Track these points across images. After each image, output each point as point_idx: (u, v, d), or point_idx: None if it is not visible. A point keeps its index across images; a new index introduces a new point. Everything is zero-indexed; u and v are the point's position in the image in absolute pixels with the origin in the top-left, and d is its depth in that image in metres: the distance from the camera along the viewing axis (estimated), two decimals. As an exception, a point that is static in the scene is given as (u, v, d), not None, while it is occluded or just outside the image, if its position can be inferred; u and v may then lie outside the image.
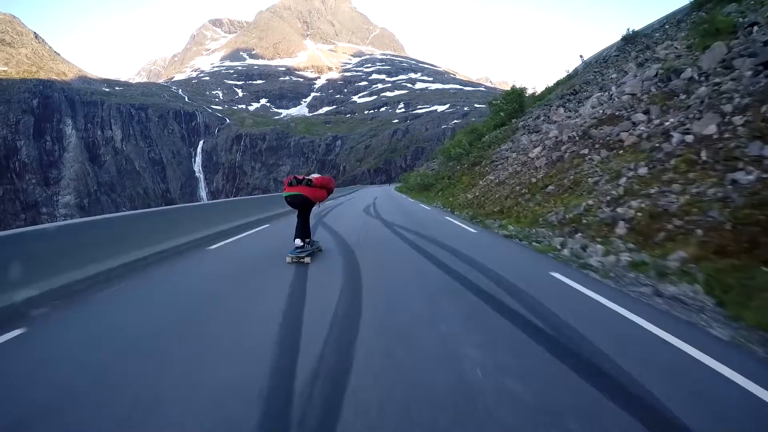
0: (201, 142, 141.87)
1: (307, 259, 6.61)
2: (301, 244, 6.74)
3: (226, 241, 9.26)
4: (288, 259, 6.61)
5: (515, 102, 27.42)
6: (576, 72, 28.11)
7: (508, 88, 30.38)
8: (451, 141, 43.76)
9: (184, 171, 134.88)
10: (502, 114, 28.41)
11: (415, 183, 40.27)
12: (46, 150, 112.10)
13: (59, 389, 2.74)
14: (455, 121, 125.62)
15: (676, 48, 13.20)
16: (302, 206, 6.98)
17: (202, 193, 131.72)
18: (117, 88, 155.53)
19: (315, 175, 6.95)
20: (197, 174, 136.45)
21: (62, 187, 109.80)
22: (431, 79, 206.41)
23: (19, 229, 5.60)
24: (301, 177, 6.88)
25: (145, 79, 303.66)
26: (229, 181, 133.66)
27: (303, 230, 6.92)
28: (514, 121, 25.84)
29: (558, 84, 29.62)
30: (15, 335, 3.73)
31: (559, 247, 7.31)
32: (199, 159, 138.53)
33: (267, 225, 12.76)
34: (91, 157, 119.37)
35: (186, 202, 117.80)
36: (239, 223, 12.50)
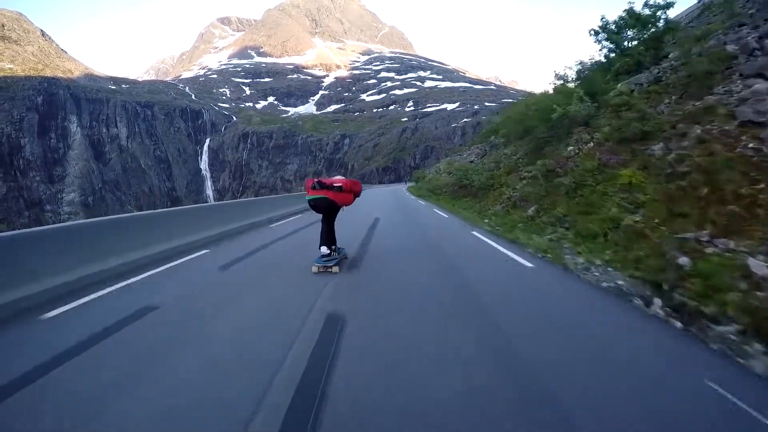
0: (207, 140, 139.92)
1: (335, 269, 6.20)
2: (328, 252, 6.37)
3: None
4: (314, 269, 6.19)
5: (645, 26, 15.10)
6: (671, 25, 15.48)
7: (518, 87, 24.46)
8: (523, 103, 24.71)
9: (190, 169, 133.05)
10: (641, 48, 15.10)
11: (443, 183, 27.67)
12: (51, 147, 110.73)
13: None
14: (465, 119, 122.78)
15: None
16: (327, 211, 6.49)
17: (209, 191, 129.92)
18: (123, 85, 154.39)
19: (339, 177, 6.65)
20: (204, 172, 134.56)
21: (67, 185, 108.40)
22: (441, 77, 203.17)
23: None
24: (326, 181, 6.39)
25: (153, 78, 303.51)
26: (235, 180, 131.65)
27: (329, 236, 6.49)
28: (671, 55, 13.29)
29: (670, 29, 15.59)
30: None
31: None
32: (205, 157, 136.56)
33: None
34: (96, 155, 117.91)
35: (192, 200, 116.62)
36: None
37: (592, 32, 17.00)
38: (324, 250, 6.30)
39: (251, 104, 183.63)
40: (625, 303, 4.64)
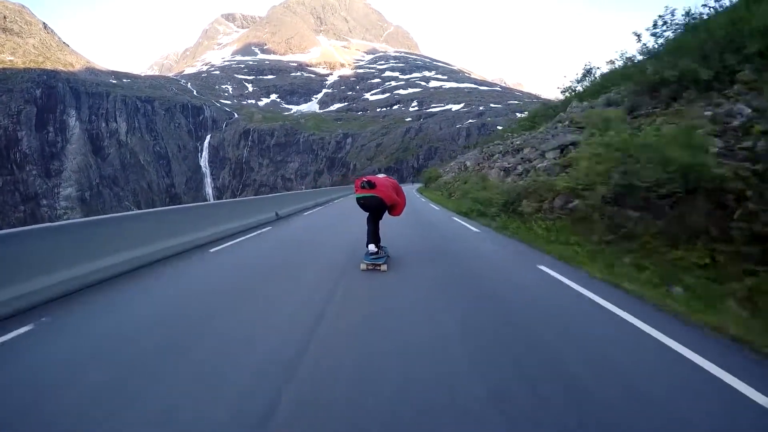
0: (208, 137, 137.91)
1: (384, 267, 6.12)
2: (375, 249, 6.32)
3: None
4: (362, 266, 6.17)
5: None
6: None
7: (523, 89, 21.00)
8: None
9: (190, 166, 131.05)
10: None
11: (512, 192, 12.55)
12: (49, 141, 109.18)
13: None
14: (470, 120, 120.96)
15: None
16: (376, 210, 6.54)
17: (208, 189, 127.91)
18: (124, 80, 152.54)
19: (382, 175, 6.92)
20: (203, 169, 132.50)
21: (64, 179, 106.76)
22: (446, 77, 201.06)
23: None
24: (373, 179, 6.43)
25: (156, 73, 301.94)
26: (235, 177, 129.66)
27: (375, 235, 6.48)
28: None
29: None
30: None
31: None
32: (205, 154, 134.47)
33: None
34: (94, 150, 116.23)
35: (191, 198, 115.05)
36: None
37: None
38: (372, 248, 6.28)
39: (253, 101, 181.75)
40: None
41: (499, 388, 2.75)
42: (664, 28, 12.82)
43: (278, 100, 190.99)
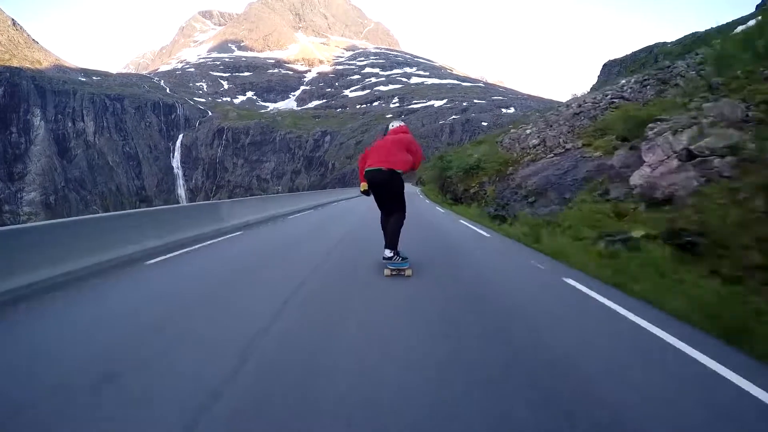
0: (180, 136, 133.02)
1: (409, 272, 5.30)
2: (390, 254, 5.33)
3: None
4: (386, 272, 5.33)
5: None
6: None
7: (505, 86, 19.21)
8: None
9: (161, 167, 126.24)
10: None
11: None
12: (11, 142, 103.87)
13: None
14: (454, 116, 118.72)
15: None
16: (387, 189, 5.37)
17: (180, 190, 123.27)
18: (94, 77, 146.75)
19: (396, 124, 6.06)
20: (176, 170, 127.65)
21: (27, 183, 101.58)
22: (427, 73, 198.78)
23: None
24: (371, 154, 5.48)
25: (132, 72, 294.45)
26: (209, 178, 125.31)
27: (393, 235, 5.42)
28: None
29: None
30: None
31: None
32: (177, 154, 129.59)
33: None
34: (60, 151, 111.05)
35: (163, 200, 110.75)
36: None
37: None
38: (387, 253, 5.33)
39: (229, 99, 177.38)
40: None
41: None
42: None
43: (254, 97, 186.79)
